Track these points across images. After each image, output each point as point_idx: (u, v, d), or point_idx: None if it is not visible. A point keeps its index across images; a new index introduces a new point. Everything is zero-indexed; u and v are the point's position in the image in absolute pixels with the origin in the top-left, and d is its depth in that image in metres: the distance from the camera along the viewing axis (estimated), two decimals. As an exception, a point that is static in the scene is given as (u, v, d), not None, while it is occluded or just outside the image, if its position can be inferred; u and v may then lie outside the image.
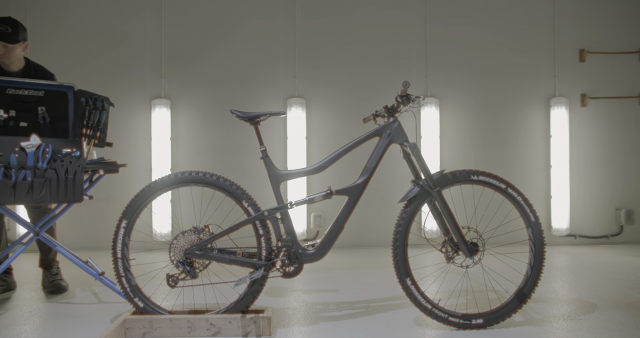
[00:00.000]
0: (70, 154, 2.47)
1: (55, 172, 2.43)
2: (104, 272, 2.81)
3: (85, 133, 2.69)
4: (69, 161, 2.46)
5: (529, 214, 2.26)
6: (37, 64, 3.19)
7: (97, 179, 2.81)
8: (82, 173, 2.50)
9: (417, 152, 2.25)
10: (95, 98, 2.74)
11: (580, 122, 4.66)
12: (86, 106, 2.69)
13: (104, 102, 2.77)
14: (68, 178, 2.46)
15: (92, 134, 2.72)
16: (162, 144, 4.45)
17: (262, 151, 2.28)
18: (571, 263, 3.75)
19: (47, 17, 4.53)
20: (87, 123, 2.69)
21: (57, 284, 2.97)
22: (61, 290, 2.96)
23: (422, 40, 4.66)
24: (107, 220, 4.41)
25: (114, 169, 2.80)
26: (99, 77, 4.53)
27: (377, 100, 4.51)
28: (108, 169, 2.77)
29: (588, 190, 4.66)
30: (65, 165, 2.45)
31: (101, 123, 2.77)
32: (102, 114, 2.76)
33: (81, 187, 2.50)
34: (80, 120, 2.67)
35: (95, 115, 2.72)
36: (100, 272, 2.77)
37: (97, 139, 2.76)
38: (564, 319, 2.36)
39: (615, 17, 4.70)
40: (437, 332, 2.20)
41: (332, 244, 2.27)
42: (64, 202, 2.52)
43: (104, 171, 2.75)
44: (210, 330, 2.14)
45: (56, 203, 2.60)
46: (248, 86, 4.60)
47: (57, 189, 2.45)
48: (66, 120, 2.66)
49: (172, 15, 4.59)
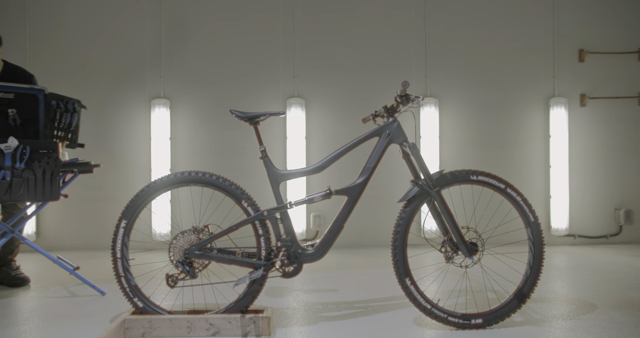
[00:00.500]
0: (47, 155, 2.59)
1: (32, 172, 2.55)
2: (78, 267, 2.98)
3: (57, 134, 2.80)
4: (46, 162, 2.58)
5: (528, 214, 2.27)
6: (16, 65, 3.28)
7: (70, 179, 2.95)
8: (58, 173, 2.63)
9: (416, 152, 2.25)
10: (67, 101, 2.85)
11: (579, 122, 4.66)
12: (57, 109, 2.80)
13: (75, 105, 2.93)
14: (45, 178, 2.59)
15: (63, 136, 2.86)
16: (162, 144, 4.45)
17: (262, 151, 2.28)
18: (570, 263, 3.75)
19: (46, 17, 4.53)
20: (58, 125, 2.81)
21: (23, 277, 3.12)
22: (25, 282, 3.11)
23: (421, 40, 4.67)
24: (106, 220, 4.41)
25: (88, 170, 2.93)
26: (98, 77, 4.53)
27: (376, 100, 4.51)
28: (82, 170, 2.91)
29: (587, 190, 4.67)
30: (42, 166, 2.57)
31: (72, 125, 2.90)
32: (74, 116, 2.89)
33: (58, 186, 2.64)
34: (51, 123, 2.77)
35: (66, 118, 2.85)
36: (75, 267, 2.95)
37: (68, 140, 2.90)
38: (563, 319, 2.36)
39: (615, 17, 4.71)
40: (437, 331, 2.21)
41: (331, 244, 2.27)
42: (41, 201, 2.65)
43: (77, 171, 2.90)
44: (210, 330, 2.15)
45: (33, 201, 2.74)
46: (248, 86, 4.60)
47: (35, 188, 2.57)
48: (37, 122, 2.74)
49: (171, 14, 4.59)
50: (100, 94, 4.52)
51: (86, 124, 4.51)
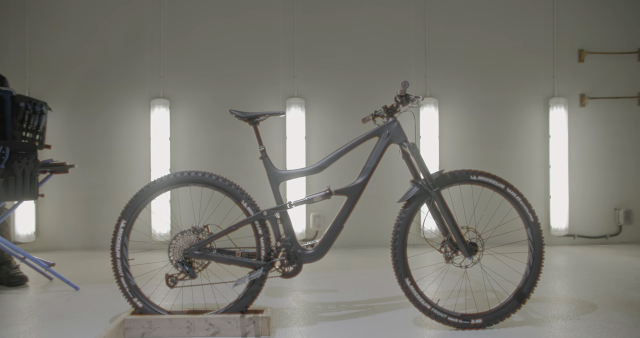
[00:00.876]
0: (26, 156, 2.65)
1: (12, 172, 2.60)
2: (53, 263, 3.09)
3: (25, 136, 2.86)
4: (25, 162, 2.63)
5: (528, 214, 2.26)
6: None
7: (45, 179, 3.03)
8: (37, 173, 2.70)
9: (416, 152, 2.25)
10: (35, 102, 2.90)
11: (579, 122, 4.66)
12: (26, 110, 2.84)
13: (42, 107, 2.97)
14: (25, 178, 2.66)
15: (32, 137, 2.91)
16: (161, 144, 4.45)
17: (262, 151, 2.28)
18: (570, 263, 3.75)
19: (46, 17, 4.52)
20: (27, 126, 2.86)
21: (21, 276, 3.12)
22: (23, 280, 3.12)
23: (421, 40, 4.67)
24: (106, 220, 4.41)
25: (63, 170, 3.02)
26: (98, 76, 4.53)
27: (376, 100, 4.51)
28: (57, 170, 3.00)
29: (587, 190, 4.67)
30: (22, 166, 2.63)
31: (40, 126, 2.95)
32: (42, 117, 2.95)
33: (36, 186, 2.71)
34: (20, 124, 2.81)
35: (34, 119, 2.90)
36: (50, 264, 3.05)
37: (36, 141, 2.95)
38: (562, 319, 2.36)
39: (615, 17, 4.71)
40: (436, 332, 2.21)
41: (331, 244, 2.27)
42: (21, 200, 2.71)
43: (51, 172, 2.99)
44: (210, 330, 2.14)
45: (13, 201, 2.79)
46: (247, 86, 4.60)
47: (15, 188, 2.62)
48: (3, 124, 2.78)
49: (171, 14, 4.59)
50: (100, 94, 4.52)
51: (86, 124, 4.51)
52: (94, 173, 4.50)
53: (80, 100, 4.51)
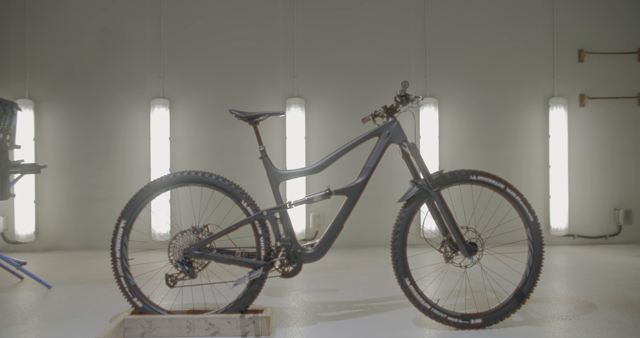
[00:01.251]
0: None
1: None
2: (25, 262, 3.13)
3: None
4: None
5: (528, 214, 2.27)
6: None
7: (15, 179, 3.06)
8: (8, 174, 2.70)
9: (416, 152, 2.25)
10: (5, 103, 2.90)
11: (579, 122, 4.66)
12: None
13: (13, 107, 2.97)
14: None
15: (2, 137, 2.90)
16: (161, 144, 4.44)
17: (261, 151, 2.28)
18: (570, 263, 3.75)
19: (45, 17, 4.52)
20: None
21: None
22: None
23: (421, 39, 4.67)
24: (106, 220, 4.41)
25: (36, 171, 3.04)
26: (97, 76, 4.53)
27: (376, 100, 4.51)
28: (28, 170, 3.02)
29: (587, 190, 4.67)
30: None
31: (11, 126, 2.96)
32: (13, 118, 2.95)
33: (8, 186, 2.71)
34: None
35: (5, 120, 2.90)
36: (21, 263, 3.10)
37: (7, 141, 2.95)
38: (562, 319, 2.37)
39: (614, 17, 4.71)
40: (436, 331, 2.21)
41: (331, 244, 2.27)
42: None
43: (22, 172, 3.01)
44: (209, 329, 2.14)
45: None
46: (247, 86, 4.60)
47: None
48: None
49: (171, 14, 4.59)
50: (99, 94, 4.52)
51: (86, 124, 4.51)
52: (94, 174, 4.49)
53: (80, 100, 4.51)
